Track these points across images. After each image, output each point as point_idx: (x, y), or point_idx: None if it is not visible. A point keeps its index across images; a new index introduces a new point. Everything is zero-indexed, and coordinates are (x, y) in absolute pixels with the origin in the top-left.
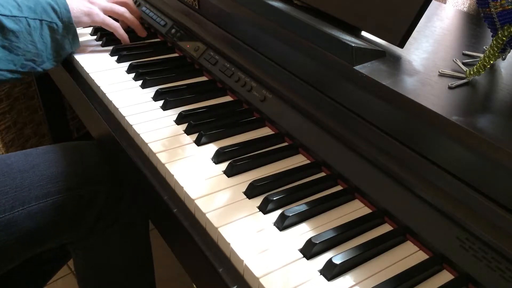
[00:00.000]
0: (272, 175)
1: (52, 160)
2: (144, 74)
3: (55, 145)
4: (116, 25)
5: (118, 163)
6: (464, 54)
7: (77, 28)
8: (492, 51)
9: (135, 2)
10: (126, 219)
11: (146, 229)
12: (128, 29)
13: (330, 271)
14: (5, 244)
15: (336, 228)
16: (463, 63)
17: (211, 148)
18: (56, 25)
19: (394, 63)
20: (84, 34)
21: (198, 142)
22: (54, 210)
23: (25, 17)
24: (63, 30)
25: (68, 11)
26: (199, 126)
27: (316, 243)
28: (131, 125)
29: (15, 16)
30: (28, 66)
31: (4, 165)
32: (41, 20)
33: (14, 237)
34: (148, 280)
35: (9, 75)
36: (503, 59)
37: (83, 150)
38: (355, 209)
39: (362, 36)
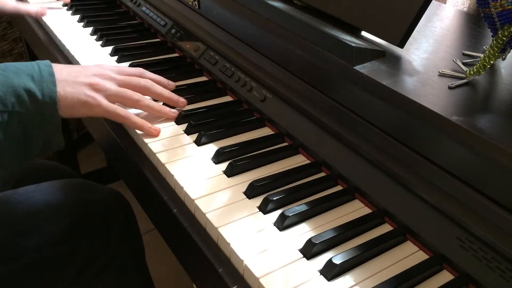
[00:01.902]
0: (272, 175)
1: (29, 211)
2: None
3: (37, 186)
4: (126, 115)
5: (118, 164)
6: (464, 54)
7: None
8: (492, 51)
9: (135, 3)
10: (116, 263)
11: (142, 263)
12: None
13: (330, 271)
14: None
15: (336, 228)
16: (463, 63)
17: (211, 148)
18: (32, 117)
19: (394, 63)
20: (84, 34)
21: (198, 142)
22: (27, 271)
23: None
24: (42, 124)
25: (54, 100)
26: (199, 126)
27: (316, 243)
28: None
29: None
30: None
31: None
32: (10, 112)
33: None
34: None
35: None
36: (503, 59)
37: (67, 194)
38: (355, 209)
39: (362, 36)
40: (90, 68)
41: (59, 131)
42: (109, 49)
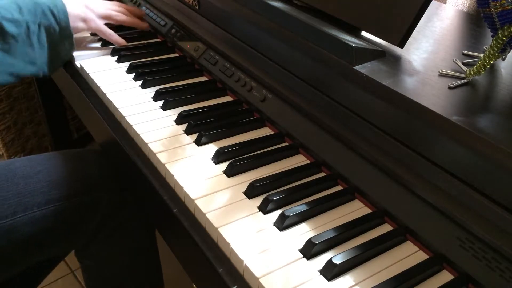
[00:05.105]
0: (272, 175)
1: (55, 166)
2: (144, 74)
3: (59, 151)
4: (110, 32)
5: (118, 164)
6: (464, 54)
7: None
8: (492, 51)
9: (135, 2)
10: (130, 225)
11: (151, 231)
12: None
13: (330, 271)
14: (6, 250)
15: (336, 228)
16: (463, 63)
17: (211, 148)
18: (54, 29)
19: (394, 63)
20: (84, 34)
21: (198, 142)
22: (56, 216)
23: (26, 21)
24: (60, 35)
25: (66, 15)
26: (199, 126)
27: (316, 243)
28: (131, 125)
29: (16, 20)
30: (28, 69)
31: (7, 171)
32: (39, 24)
33: (15, 243)
34: (156, 280)
35: (9, 78)
36: (503, 59)
37: (86, 157)
38: (355, 209)
39: (362, 36)
40: None
41: (72, 41)
42: (109, 49)
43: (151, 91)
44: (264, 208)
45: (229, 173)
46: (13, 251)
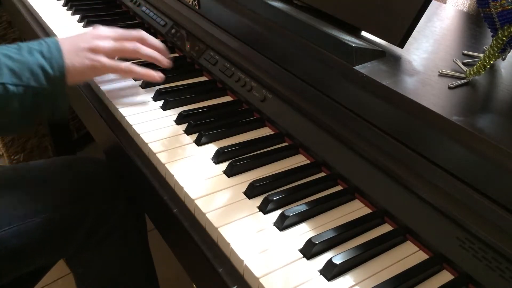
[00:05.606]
0: (272, 175)
1: (41, 176)
2: None
3: (46, 160)
4: (129, 68)
5: (118, 164)
6: (464, 54)
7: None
8: (492, 51)
9: (135, 3)
10: (121, 231)
11: (143, 236)
12: None
13: (330, 271)
14: None
15: (336, 228)
16: (463, 63)
17: (211, 148)
18: (44, 90)
19: (394, 63)
20: None
21: (198, 142)
22: (41, 228)
23: (2, 83)
24: (51, 96)
25: (62, 73)
26: (199, 126)
27: (316, 243)
28: (131, 125)
29: None
30: None
31: None
32: (26, 86)
33: (2, 256)
34: (151, 284)
35: None
36: (503, 59)
37: (74, 166)
38: (355, 209)
39: (362, 36)
40: (87, 33)
41: (65, 102)
42: None
43: (151, 91)
44: (264, 208)
45: (229, 173)
46: (0, 263)
